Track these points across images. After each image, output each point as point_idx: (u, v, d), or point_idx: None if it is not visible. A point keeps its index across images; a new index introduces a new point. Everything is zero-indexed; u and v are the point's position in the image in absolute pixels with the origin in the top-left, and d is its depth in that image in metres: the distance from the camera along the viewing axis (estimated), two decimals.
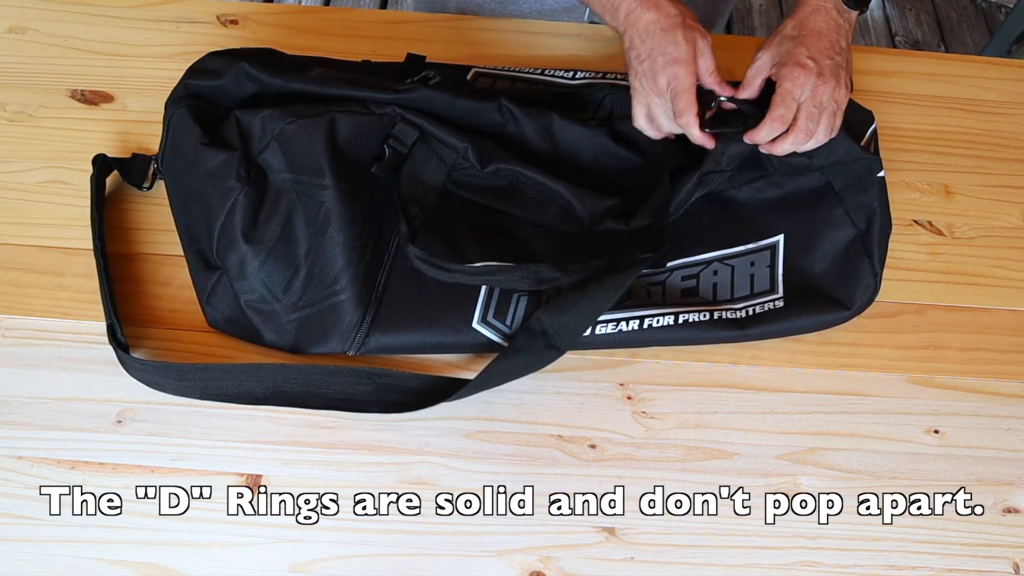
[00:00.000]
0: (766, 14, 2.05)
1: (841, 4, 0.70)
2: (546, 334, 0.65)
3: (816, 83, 0.66)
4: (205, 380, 0.64)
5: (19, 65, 0.83)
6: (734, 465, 0.65)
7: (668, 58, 0.66)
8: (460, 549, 0.61)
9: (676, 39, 0.66)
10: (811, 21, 0.68)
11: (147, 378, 0.65)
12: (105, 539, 0.60)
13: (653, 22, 0.67)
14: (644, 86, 0.69)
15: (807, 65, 0.66)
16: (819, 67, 0.66)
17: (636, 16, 0.68)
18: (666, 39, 0.66)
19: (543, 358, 0.66)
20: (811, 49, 0.67)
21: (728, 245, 0.72)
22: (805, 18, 0.69)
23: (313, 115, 0.68)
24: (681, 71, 0.66)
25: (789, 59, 0.67)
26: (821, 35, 0.68)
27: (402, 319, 0.67)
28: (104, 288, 0.67)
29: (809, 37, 0.68)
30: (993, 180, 0.82)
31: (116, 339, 0.64)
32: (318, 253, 0.67)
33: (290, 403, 0.65)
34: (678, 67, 0.66)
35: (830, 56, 0.67)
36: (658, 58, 0.67)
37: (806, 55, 0.66)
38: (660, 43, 0.67)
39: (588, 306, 0.66)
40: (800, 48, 0.67)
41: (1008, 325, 0.73)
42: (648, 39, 0.67)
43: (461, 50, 0.85)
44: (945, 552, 0.62)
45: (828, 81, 0.66)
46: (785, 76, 0.66)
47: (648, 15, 0.67)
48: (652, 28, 0.67)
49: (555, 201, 0.72)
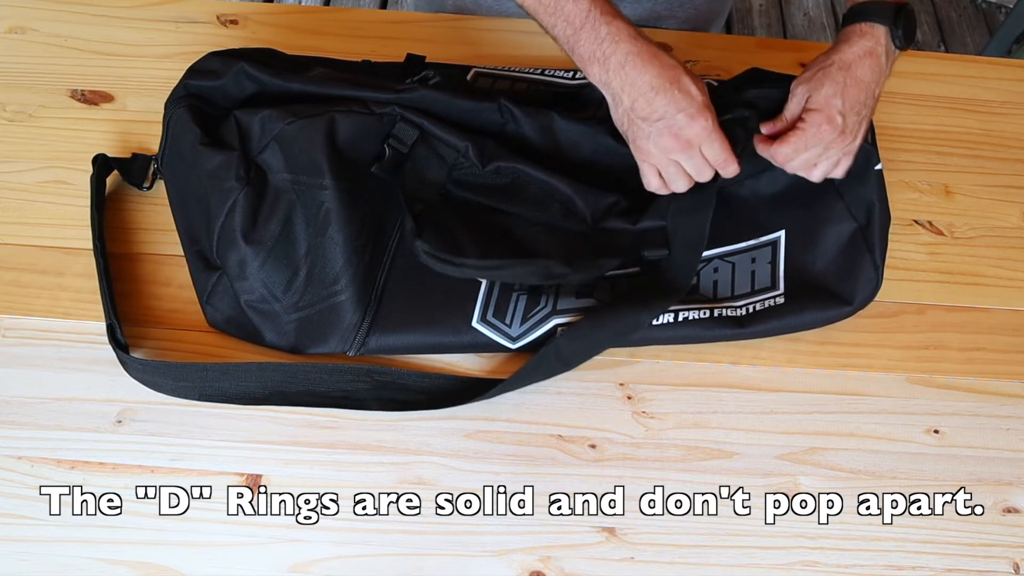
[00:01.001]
0: (766, 14, 2.05)
1: (891, 44, 0.67)
2: (560, 355, 0.66)
3: (836, 138, 0.65)
4: (203, 380, 0.64)
5: (19, 65, 0.83)
6: (734, 465, 0.65)
7: (689, 113, 0.63)
8: (460, 549, 0.61)
9: (689, 90, 0.63)
10: (858, 68, 0.66)
11: (146, 378, 0.65)
12: (105, 539, 0.60)
13: (657, 77, 0.63)
14: (660, 146, 0.65)
15: (835, 121, 0.65)
16: (845, 124, 0.65)
17: (634, 75, 0.63)
18: (680, 93, 0.63)
19: (551, 373, 0.67)
20: (846, 101, 0.65)
21: (729, 242, 0.72)
22: (852, 61, 0.66)
23: (313, 115, 0.68)
24: (710, 120, 0.64)
25: (822, 107, 0.65)
26: (860, 86, 0.66)
27: (402, 319, 0.67)
28: (104, 288, 0.67)
29: (850, 88, 0.65)
30: (993, 180, 0.82)
31: (115, 339, 0.64)
32: (318, 253, 0.67)
33: (289, 402, 0.65)
34: (704, 116, 0.64)
35: (859, 112, 0.66)
36: (678, 115, 0.63)
37: (838, 109, 0.65)
38: (675, 99, 0.63)
39: (607, 335, 0.67)
40: (835, 100, 0.65)
41: (1008, 325, 0.73)
42: (657, 97, 0.63)
43: (461, 50, 0.85)
44: (945, 552, 0.62)
45: (847, 138, 0.66)
46: (811, 122, 0.65)
47: (648, 72, 0.63)
48: (658, 84, 0.63)
49: (557, 198, 0.72)
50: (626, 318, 0.66)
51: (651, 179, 0.69)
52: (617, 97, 0.65)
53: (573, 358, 0.67)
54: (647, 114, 0.64)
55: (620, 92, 0.65)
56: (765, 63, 0.80)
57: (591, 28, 0.64)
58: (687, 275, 0.69)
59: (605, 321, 0.66)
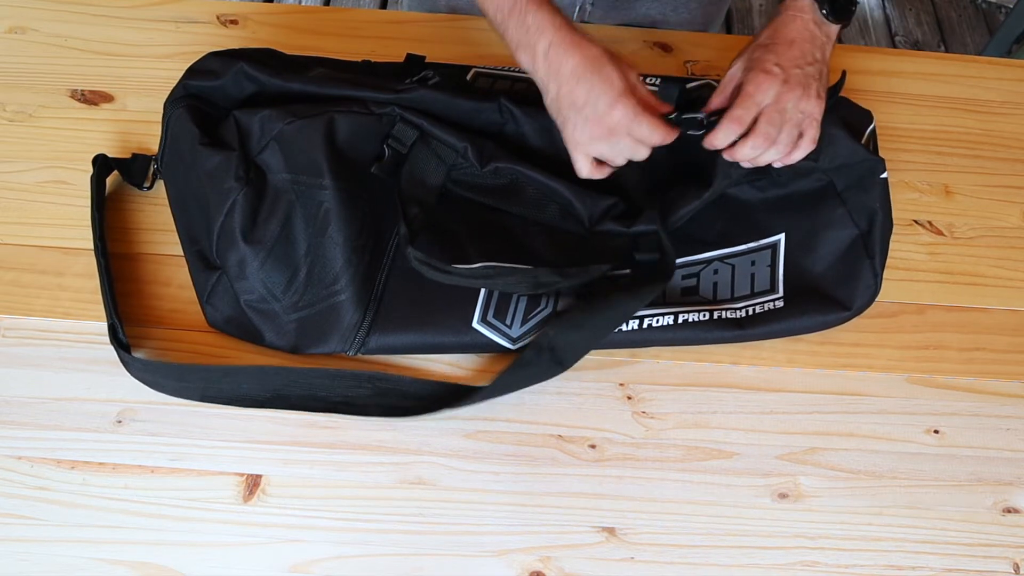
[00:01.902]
0: (766, 14, 2.05)
1: (819, 15, 0.68)
2: (553, 350, 0.65)
3: (781, 90, 0.64)
4: (205, 382, 0.64)
5: (19, 65, 0.83)
6: (734, 465, 0.65)
7: (608, 100, 0.63)
8: (460, 549, 0.61)
9: (610, 77, 0.63)
10: (785, 30, 0.67)
11: (148, 378, 0.65)
12: (105, 539, 0.60)
13: (578, 65, 0.63)
14: (587, 134, 0.65)
15: (772, 71, 0.65)
16: (786, 74, 0.65)
17: (558, 63, 0.64)
18: (600, 80, 0.63)
19: (548, 373, 0.66)
20: (780, 57, 0.66)
21: (729, 244, 0.72)
22: (779, 27, 0.68)
23: (312, 115, 0.68)
24: (630, 104, 0.63)
25: (755, 65, 0.66)
26: (793, 44, 0.66)
27: (402, 319, 0.67)
28: (105, 288, 0.67)
29: (780, 45, 0.66)
30: (993, 180, 0.82)
31: (117, 339, 0.64)
32: (318, 253, 0.67)
33: (289, 406, 0.65)
34: (623, 102, 0.63)
35: (799, 65, 0.66)
36: (598, 103, 0.63)
37: (773, 62, 0.65)
38: (594, 86, 0.63)
39: (597, 326, 0.66)
40: (769, 55, 0.66)
41: (1008, 325, 0.73)
42: (578, 85, 0.63)
43: (461, 50, 0.85)
44: (945, 552, 0.62)
45: (794, 89, 0.65)
46: (748, 80, 0.65)
47: (570, 60, 0.63)
48: (579, 72, 0.63)
49: (555, 200, 0.72)
50: (616, 303, 0.66)
51: (582, 167, 0.67)
52: (545, 86, 0.66)
53: (565, 352, 0.66)
54: (571, 102, 0.64)
55: (547, 80, 0.65)
56: None
57: (518, 15, 0.65)
58: (672, 258, 0.69)
59: (595, 309, 0.66)
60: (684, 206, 0.71)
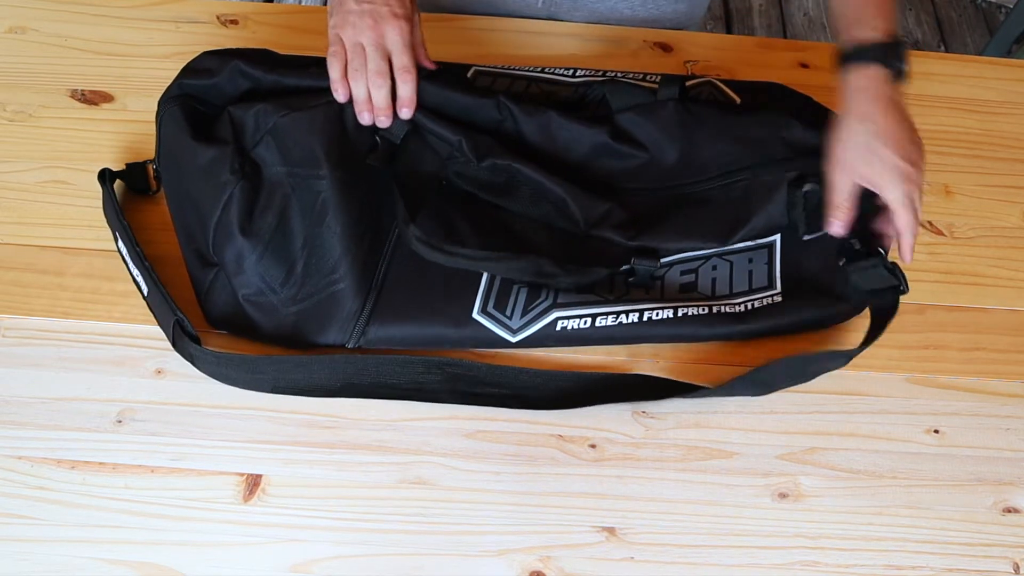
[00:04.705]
0: (766, 14, 2.05)
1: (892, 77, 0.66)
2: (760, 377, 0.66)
3: (917, 179, 0.65)
4: (277, 372, 0.64)
5: (19, 65, 0.83)
6: (734, 465, 0.65)
7: (393, 11, 0.68)
8: (460, 549, 0.61)
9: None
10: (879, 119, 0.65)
11: (219, 372, 0.64)
12: (105, 539, 0.60)
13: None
14: (357, 25, 0.68)
15: (907, 171, 0.64)
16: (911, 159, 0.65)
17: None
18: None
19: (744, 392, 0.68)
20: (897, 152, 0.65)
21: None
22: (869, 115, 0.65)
23: (306, 107, 0.68)
24: (407, 27, 0.69)
25: (878, 174, 0.65)
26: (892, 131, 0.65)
27: (402, 308, 0.67)
28: (157, 289, 0.66)
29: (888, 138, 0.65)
30: (993, 180, 0.82)
31: (187, 332, 0.64)
32: (315, 244, 0.67)
33: (360, 394, 0.65)
34: (401, 24, 0.68)
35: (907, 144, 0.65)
36: (383, 7, 0.68)
37: (901, 158, 0.64)
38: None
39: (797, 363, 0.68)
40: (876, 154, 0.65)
41: (1008, 325, 0.73)
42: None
43: (461, 50, 0.85)
44: (945, 552, 0.62)
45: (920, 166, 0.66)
46: (889, 200, 0.65)
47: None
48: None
49: (549, 198, 0.72)
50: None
51: (335, 63, 0.69)
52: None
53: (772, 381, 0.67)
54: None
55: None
56: (765, 63, 0.80)
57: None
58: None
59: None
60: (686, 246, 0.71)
